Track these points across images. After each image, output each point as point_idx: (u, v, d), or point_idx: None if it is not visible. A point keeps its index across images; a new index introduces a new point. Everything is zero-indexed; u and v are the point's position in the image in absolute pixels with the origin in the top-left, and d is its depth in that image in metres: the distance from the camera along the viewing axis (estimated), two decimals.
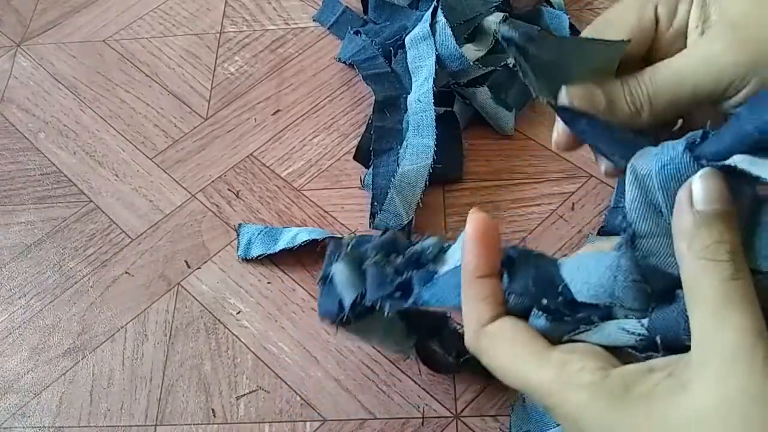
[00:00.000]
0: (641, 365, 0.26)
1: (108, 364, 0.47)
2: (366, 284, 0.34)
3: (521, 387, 0.28)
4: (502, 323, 0.29)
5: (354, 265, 0.35)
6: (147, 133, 0.58)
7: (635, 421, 0.24)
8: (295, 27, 0.64)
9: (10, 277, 0.52)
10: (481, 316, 0.29)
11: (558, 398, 0.26)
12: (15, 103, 0.62)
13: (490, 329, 0.29)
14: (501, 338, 0.29)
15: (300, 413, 0.43)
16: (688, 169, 0.26)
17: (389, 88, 0.55)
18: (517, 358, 0.28)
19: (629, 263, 0.27)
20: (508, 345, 0.29)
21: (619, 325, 0.28)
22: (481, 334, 0.29)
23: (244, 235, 0.51)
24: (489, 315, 0.29)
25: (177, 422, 0.44)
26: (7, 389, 0.46)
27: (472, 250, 0.30)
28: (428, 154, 0.49)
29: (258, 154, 0.56)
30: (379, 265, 0.34)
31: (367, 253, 0.35)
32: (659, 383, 0.25)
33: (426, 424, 0.42)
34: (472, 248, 0.30)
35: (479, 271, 0.30)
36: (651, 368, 0.26)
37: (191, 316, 0.48)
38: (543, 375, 0.27)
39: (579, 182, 0.51)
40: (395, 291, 0.33)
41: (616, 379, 0.25)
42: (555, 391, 0.26)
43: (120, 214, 0.54)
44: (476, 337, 0.30)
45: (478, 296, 0.30)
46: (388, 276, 0.34)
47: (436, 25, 0.53)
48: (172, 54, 0.64)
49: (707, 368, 0.23)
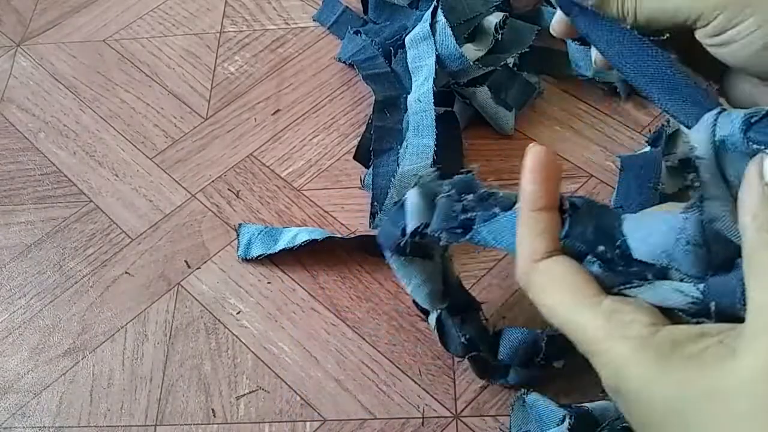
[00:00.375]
0: (693, 327, 0.26)
1: (108, 364, 0.47)
2: (433, 216, 0.34)
3: (566, 328, 0.27)
4: (556, 261, 0.28)
5: (426, 196, 0.35)
6: (147, 133, 0.58)
7: (678, 380, 0.24)
8: (295, 27, 0.64)
9: (10, 277, 0.52)
10: (535, 250, 0.29)
11: (603, 346, 0.26)
12: (15, 103, 0.62)
13: (542, 265, 0.28)
14: (553, 275, 0.28)
15: (300, 413, 0.43)
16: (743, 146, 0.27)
17: (389, 88, 0.55)
18: (568, 298, 0.27)
19: (694, 227, 0.27)
20: (560, 283, 0.28)
21: (674, 286, 0.27)
22: (532, 268, 0.29)
23: (244, 235, 0.51)
24: (543, 250, 0.29)
25: (177, 422, 0.44)
26: (7, 389, 0.47)
27: (531, 181, 0.29)
28: (428, 154, 0.49)
29: (258, 154, 0.56)
30: (450, 199, 0.34)
31: (442, 188, 0.35)
32: (709, 347, 0.24)
33: (426, 424, 0.42)
34: (532, 179, 0.29)
35: (538, 203, 0.29)
36: (702, 333, 0.25)
37: (191, 316, 0.48)
38: (591, 320, 0.26)
39: (579, 182, 0.51)
40: (457, 227, 0.33)
41: (666, 336, 0.25)
42: (601, 338, 0.26)
43: (120, 214, 0.54)
44: (527, 271, 0.29)
45: (534, 229, 0.29)
46: (456, 211, 0.33)
47: (436, 25, 0.53)
48: (172, 54, 0.64)
49: (759, 338, 0.23)
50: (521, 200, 0.30)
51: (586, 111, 0.55)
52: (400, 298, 0.47)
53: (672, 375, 0.24)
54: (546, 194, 0.29)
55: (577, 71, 0.55)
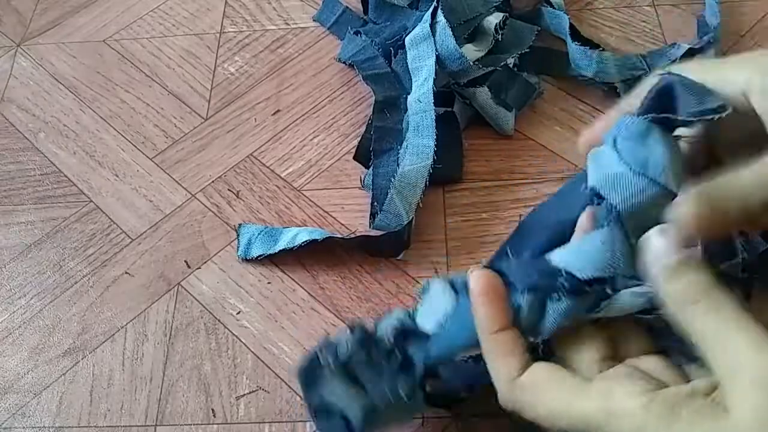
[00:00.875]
0: (681, 388, 0.27)
1: (108, 364, 0.47)
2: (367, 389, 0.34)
3: (572, 424, 0.28)
4: (534, 370, 0.30)
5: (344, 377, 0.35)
6: (147, 133, 0.58)
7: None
8: (295, 27, 0.64)
9: (10, 277, 0.52)
10: (511, 369, 0.30)
11: (611, 426, 0.27)
12: (15, 103, 0.62)
13: (524, 380, 0.30)
14: (538, 385, 0.29)
15: (300, 413, 0.43)
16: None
17: (389, 88, 0.55)
18: (562, 398, 0.28)
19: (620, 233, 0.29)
20: (549, 388, 0.29)
21: (630, 291, 0.29)
22: (515, 386, 0.30)
23: (244, 235, 0.51)
24: (518, 366, 0.30)
25: (177, 422, 0.44)
26: (7, 389, 0.46)
27: (483, 307, 0.30)
28: (428, 154, 0.49)
29: (258, 154, 0.56)
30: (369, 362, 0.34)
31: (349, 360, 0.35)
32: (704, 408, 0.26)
33: (426, 424, 0.42)
34: (483, 305, 0.30)
35: (495, 325, 0.30)
36: (692, 392, 0.26)
37: (191, 316, 0.48)
38: (592, 406, 0.27)
39: None
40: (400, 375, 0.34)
41: (663, 400, 0.26)
42: (606, 420, 0.27)
43: (120, 214, 0.54)
44: (511, 391, 0.30)
45: (502, 351, 0.30)
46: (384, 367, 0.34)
47: (436, 25, 0.53)
48: (172, 54, 0.64)
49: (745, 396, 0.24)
50: (479, 327, 0.31)
51: (586, 111, 0.55)
52: (400, 298, 0.47)
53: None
54: (500, 315, 0.30)
55: (577, 71, 0.55)
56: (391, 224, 0.48)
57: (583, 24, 0.60)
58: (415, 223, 0.49)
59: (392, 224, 0.48)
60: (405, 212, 0.48)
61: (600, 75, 0.54)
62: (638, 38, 0.59)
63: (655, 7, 0.61)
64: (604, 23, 0.60)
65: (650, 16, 0.60)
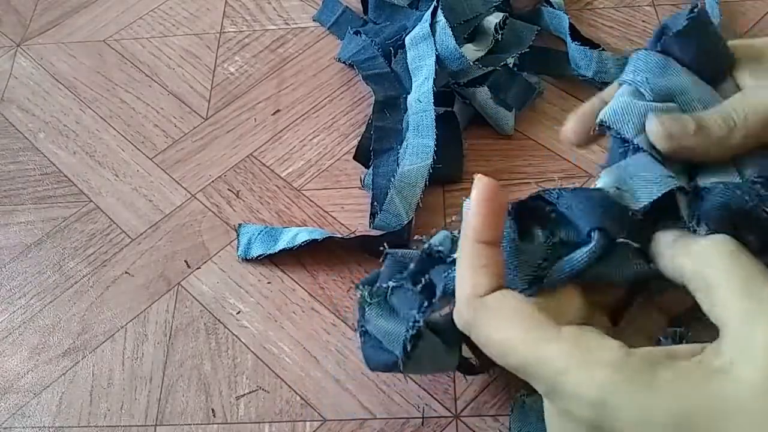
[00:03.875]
0: (658, 349, 0.25)
1: (108, 364, 0.47)
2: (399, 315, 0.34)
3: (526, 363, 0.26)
4: (504, 295, 0.27)
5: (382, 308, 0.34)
6: (147, 133, 0.58)
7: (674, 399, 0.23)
8: (295, 27, 0.64)
9: (10, 277, 0.52)
10: (478, 284, 0.27)
11: (577, 375, 0.24)
12: (15, 103, 0.62)
13: (488, 300, 0.27)
14: (504, 310, 0.27)
15: (300, 413, 0.43)
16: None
17: (389, 88, 0.55)
18: (524, 330, 0.26)
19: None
20: (513, 317, 0.26)
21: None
22: (477, 303, 0.27)
23: (244, 235, 0.51)
24: (487, 284, 0.27)
25: (177, 422, 0.44)
26: (7, 389, 0.47)
27: (476, 214, 0.28)
28: (428, 154, 0.49)
29: (258, 154, 0.56)
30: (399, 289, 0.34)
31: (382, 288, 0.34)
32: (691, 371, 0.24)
33: (426, 424, 0.42)
34: (477, 212, 0.28)
35: (482, 235, 0.28)
36: (672, 354, 0.24)
37: (191, 316, 0.48)
38: (556, 350, 0.25)
39: (579, 182, 0.51)
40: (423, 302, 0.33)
41: (641, 358, 0.24)
42: (573, 366, 0.24)
43: (120, 214, 0.54)
44: (471, 307, 0.27)
45: (477, 263, 0.28)
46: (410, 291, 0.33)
47: (436, 25, 0.53)
48: (172, 54, 0.64)
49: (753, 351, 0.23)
50: (464, 232, 0.28)
51: None
52: None
53: (665, 396, 0.23)
54: (491, 228, 0.28)
55: (577, 71, 0.55)
56: (391, 224, 0.48)
57: (583, 24, 0.59)
58: (415, 223, 0.49)
59: (392, 224, 0.48)
60: (405, 212, 0.48)
61: (600, 75, 0.54)
62: (638, 38, 0.59)
63: (655, 7, 0.61)
64: (604, 23, 0.60)
65: (650, 16, 0.60)
